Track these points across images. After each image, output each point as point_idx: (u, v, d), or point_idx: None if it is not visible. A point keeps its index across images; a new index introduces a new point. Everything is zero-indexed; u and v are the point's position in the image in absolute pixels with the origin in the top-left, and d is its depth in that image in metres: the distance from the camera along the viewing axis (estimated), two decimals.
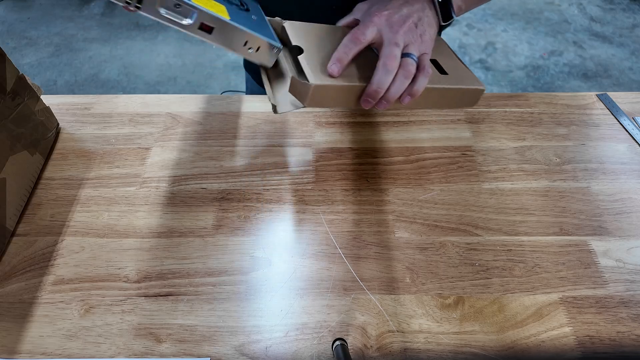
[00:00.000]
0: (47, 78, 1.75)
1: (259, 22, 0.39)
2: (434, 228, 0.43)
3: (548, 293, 0.38)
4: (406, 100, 0.39)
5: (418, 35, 0.38)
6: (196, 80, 1.76)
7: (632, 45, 1.89)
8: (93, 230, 0.42)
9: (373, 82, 0.36)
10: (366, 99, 0.38)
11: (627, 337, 0.36)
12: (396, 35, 0.37)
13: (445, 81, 0.41)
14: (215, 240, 0.42)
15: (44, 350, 0.35)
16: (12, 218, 0.42)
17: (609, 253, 0.41)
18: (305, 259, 0.40)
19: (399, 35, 0.37)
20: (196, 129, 0.52)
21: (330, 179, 0.47)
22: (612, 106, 0.54)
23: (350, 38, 0.37)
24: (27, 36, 1.95)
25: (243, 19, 0.37)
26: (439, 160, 0.49)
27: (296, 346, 0.35)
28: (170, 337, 0.36)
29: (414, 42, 0.38)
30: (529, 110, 0.54)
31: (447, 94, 0.41)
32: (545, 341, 0.35)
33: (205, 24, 0.34)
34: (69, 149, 0.50)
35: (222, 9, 0.35)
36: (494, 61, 1.83)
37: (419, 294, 0.38)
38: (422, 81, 0.38)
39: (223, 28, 0.35)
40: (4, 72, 0.40)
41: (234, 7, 0.38)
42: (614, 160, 0.48)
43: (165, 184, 0.46)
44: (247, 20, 0.38)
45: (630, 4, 2.13)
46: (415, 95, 0.38)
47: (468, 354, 0.35)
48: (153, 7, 0.32)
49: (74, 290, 0.38)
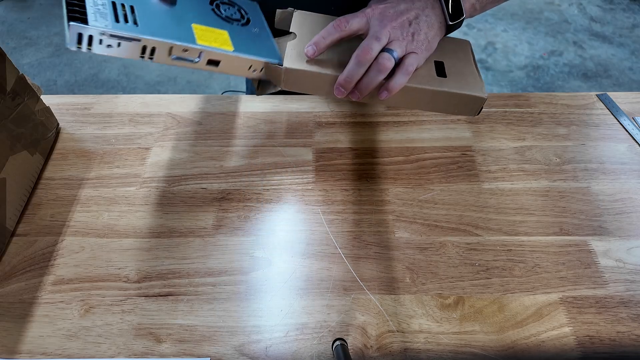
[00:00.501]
0: (47, 78, 1.75)
1: (260, 34, 0.40)
2: (434, 228, 0.43)
3: (548, 293, 0.38)
4: (383, 96, 0.39)
5: (409, 33, 0.37)
6: (196, 80, 1.76)
7: (632, 45, 1.89)
8: (93, 230, 0.42)
9: (344, 72, 0.37)
10: (337, 87, 0.38)
11: (627, 337, 0.36)
12: (382, 30, 0.37)
13: (437, 83, 0.40)
14: (215, 240, 0.42)
15: (44, 350, 0.35)
16: (12, 218, 0.42)
17: (609, 253, 0.41)
18: (305, 259, 0.40)
19: (384, 30, 0.37)
20: (196, 129, 0.52)
21: (330, 179, 0.47)
22: (612, 106, 0.54)
23: (334, 24, 0.37)
24: (27, 36, 1.95)
25: (245, 39, 0.39)
26: (439, 160, 0.49)
27: (296, 346, 0.35)
28: (170, 337, 0.36)
29: (401, 39, 0.37)
30: (529, 110, 0.54)
31: (437, 97, 0.40)
32: (545, 341, 0.35)
33: (212, 60, 0.36)
34: (69, 149, 0.50)
35: (224, 37, 0.37)
36: (494, 61, 1.83)
37: (419, 294, 0.38)
38: (399, 78, 0.37)
39: (228, 59, 0.37)
40: (4, 72, 0.40)
41: (234, 25, 0.39)
42: (614, 160, 0.48)
43: (165, 184, 0.46)
44: (249, 39, 0.39)
45: (630, 4, 2.13)
46: (391, 91, 0.38)
47: (468, 354, 0.35)
48: (164, 56, 0.34)
49: (74, 290, 0.38)
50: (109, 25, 0.31)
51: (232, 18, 0.40)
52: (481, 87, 0.40)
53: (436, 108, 0.42)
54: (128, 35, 0.31)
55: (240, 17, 0.40)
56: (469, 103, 0.41)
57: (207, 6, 0.39)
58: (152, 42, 0.33)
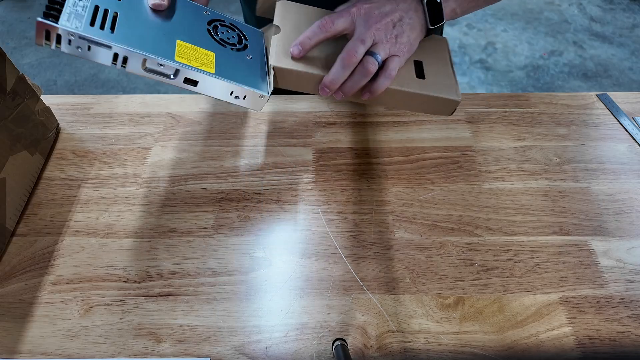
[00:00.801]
0: (47, 78, 1.75)
1: (253, 62, 0.39)
2: (434, 228, 0.43)
3: (548, 293, 0.38)
4: (365, 97, 0.40)
5: (393, 35, 0.38)
6: None
7: (632, 45, 1.89)
8: (93, 230, 0.42)
9: (329, 74, 0.38)
10: (322, 88, 0.39)
11: (627, 337, 0.36)
12: (367, 32, 0.37)
13: (416, 86, 0.40)
14: (215, 240, 0.42)
15: (44, 350, 0.35)
16: (12, 218, 0.42)
17: (609, 253, 0.41)
18: (305, 259, 0.40)
19: (369, 32, 0.37)
20: (196, 129, 0.52)
21: (330, 179, 0.47)
22: (612, 106, 0.54)
23: (319, 24, 0.37)
24: (27, 36, 1.95)
25: (234, 64, 0.38)
26: (439, 160, 0.49)
27: (296, 346, 0.35)
28: (170, 337, 0.36)
29: (385, 42, 0.38)
30: (529, 110, 0.54)
31: (415, 98, 0.41)
32: (545, 341, 0.35)
33: (189, 79, 0.35)
34: (69, 149, 0.50)
35: (209, 58, 0.36)
36: (494, 61, 1.83)
37: (419, 294, 0.38)
38: (382, 82, 0.38)
39: (207, 81, 0.36)
40: (4, 72, 0.40)
41: (227, 48, 0.39)
42: (614, 161, 0.48)
43: (165, 184, 0.46)
44: (238, 65, 0.38)
45: (630, 4, 2.13)
46: (374, 93, 0.39)
47: (468, 354, 0.35)
48: (137, 67, 0.34)
49: (74, 290, 0.38)
50: (80, 28, 0.31)
51: (227, 42, 0.39)
52: (456, 89, 0.41)
53: (413, 108, 0.43)
54: (98, 40, 0.31)
55: (237, 42, 0.40)
56: (444, 105, 0.42)
57: (203, 25, 0.39)
58: (123, 51, 0.32)
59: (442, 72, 0.43)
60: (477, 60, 1.83)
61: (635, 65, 1.79)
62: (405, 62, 0.41)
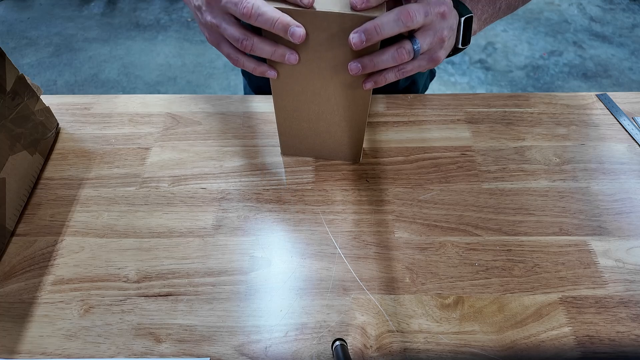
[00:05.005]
0: (47, 78, 1.75)
1: None
2: (433, 228, 0.43)
3: (548, 293, 0.38)
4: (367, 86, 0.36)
5: (441, 39, 0.35)
6: (196, 80, 1.76)
7: (632, 45, 1.89)
8: (93, 230, 0.42)
9: (377, 19, 0.30)
10: (360, 32, 0.30)
11: (627, 337, 0.36)
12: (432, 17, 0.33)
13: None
14: (215, 240, 0.42)
15: (43, 350, 0.35)
16: (12, 218, 0.42)
17: (609, 253, 0.41)
18: (304, 259, 0.40)
19: (435, 19, 0.34)
20: (196, 129, 0.52)
21: (330, 179, 0.47)
22: (611, 106, 0.54)
23: (399, 14, 0.30)
24: (27, 36, 1.95)
25: None
26: (439, 160, 0.49)
27: (296, 346, 0.35)
28: (170, 337, 0.36)
29: (432, 37, 0.35)
30: (529, 110, 0.54)
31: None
32: (545, 341, 0.35)
33: None
34: (69, 149, 0.50)
35: None
36: (494, 61, 1.83)
37: (419, 294, 0.38)
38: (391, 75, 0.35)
39: None
40: (4, 72, 0.40)
41: None
42: (613, 160, 0.48)
43: (165, 184, 0.46)
44: None
45: (630, 4, 2.13)
46: (378, 84, 0.35)
47: (468, 354, 0.35)
48: None
49: (73, 290, 0.38)
50: None
51: None
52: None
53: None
54: None
55: None
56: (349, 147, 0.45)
57: None
58: None
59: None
60: (477, 60, 1.83)
61: (635, 65, 1.79)
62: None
